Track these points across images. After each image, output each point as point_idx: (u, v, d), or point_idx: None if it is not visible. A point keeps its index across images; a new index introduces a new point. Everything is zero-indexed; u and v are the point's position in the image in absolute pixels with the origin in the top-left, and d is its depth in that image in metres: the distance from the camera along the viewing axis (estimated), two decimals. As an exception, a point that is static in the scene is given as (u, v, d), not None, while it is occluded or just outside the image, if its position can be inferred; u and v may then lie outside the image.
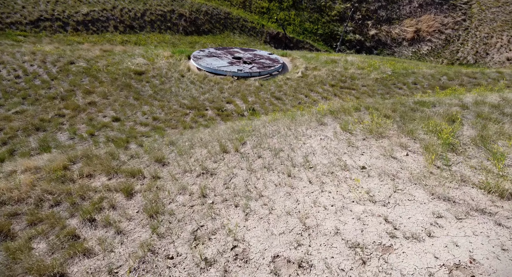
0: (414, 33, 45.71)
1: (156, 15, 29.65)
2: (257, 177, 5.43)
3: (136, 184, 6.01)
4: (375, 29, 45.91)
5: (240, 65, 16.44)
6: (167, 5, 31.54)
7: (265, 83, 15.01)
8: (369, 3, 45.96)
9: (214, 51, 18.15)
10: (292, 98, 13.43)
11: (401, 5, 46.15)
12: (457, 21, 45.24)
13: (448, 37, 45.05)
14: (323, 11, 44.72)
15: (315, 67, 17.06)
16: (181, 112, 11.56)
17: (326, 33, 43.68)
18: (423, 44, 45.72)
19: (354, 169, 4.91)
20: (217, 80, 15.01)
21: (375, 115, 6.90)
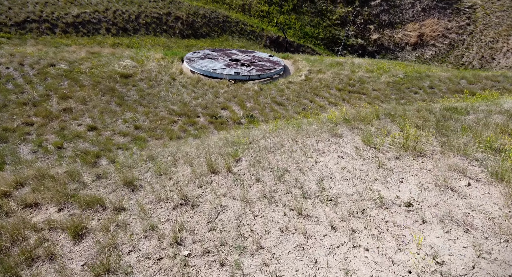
0: (417, 37, 44.48)
1: (151, 17, 28.33)
2: (254, 212, 3.87)
3: (92, 219, 4.44)
4: (378, 33, 44.70)
5: (237, 68, 14.96)
6: (163, 7, 30.26)
7: (265, 87, 13.51)
8: (371, 7, 44.82)
9: (209, 53, 16.69)
10: (295, 104, 11.91)
11: (404, 9, 45.00)
12: (461, 26, 44.05)
13: (452, 42, 43.82)
14: (324, 15, 43.55)
15: (320, 70, 15.59)
16: (168, 120, 10.02)
17: (328, 37, 42.43)
18: (427, 48, 44.47)
19: (395, 205, 3.36)
20: (212, 84, 13.52)
21: (407, 125, 5.36)
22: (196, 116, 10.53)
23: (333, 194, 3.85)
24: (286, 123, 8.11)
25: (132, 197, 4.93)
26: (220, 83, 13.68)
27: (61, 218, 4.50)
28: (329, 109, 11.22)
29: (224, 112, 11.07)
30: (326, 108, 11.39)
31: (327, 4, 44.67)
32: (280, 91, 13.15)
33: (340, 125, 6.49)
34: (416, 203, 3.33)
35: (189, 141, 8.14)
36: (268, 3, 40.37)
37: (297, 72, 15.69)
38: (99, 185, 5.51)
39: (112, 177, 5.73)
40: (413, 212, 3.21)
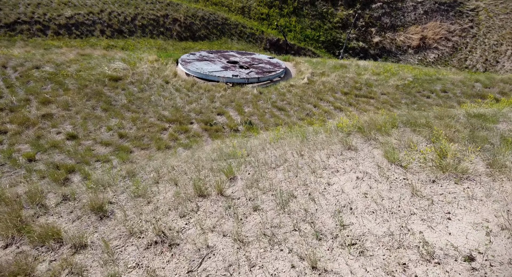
0: (420, 40, 43.67)
1: (148, 19, 27.47)
2: (250, 259, 2.87)
3: (42, 261, 3.45)
4: (379, 36, 43.90)
5: (235, 70, 14.00)
6: (161, 9, 29.42)
7: (265, 91, 12.54)
8: (372, 9, 44.06)
9: (206, 55, 15.75)
10: (298, 109, 10.92)
11: (406, 11, 44.24)
12: (464, 28, 43.26)
13: (455, 45, 43.00)
14: (325, 18, 42.78)
15: (323, 72, 14.63)
16: (158, 127, 9.02)
17: (329, 40, 41.62)
18: (429, 51, 43.65)
19: (449, 258, 2.36)
20: (208, 87, 12.55)
21: (441, 137, 4.36)
22: (189, 123, 9.54)
23: (357, 235, 2.85)
24: (289, 132, 7.13)
25: (98, 228, 3.92)
26: (216, 86, 12.71)
27: (3, 259, 3.50)
28: (336, 115, 10.24)
29: (220, 118, 10.08)
30: (332, 114, 10.41)
31: (328, 7, 43.93)
32: (281, 95, 12.17)
33: (353, 136, 5.52)
34: (481, 256, 2.32)
35: (179, 152, 7.15)
36: (268, 5, 39.61)
37: (299, 75, 14.73)
38: (64, 209, 4.50)
39: (80, 199, 4.72)
40: (479, 272, 2.20)
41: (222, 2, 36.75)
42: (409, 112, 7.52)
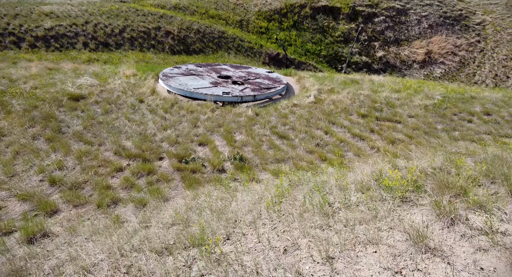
0: (425, 55, 41.72)
1: (138, 32, 25.35)
2: None
3: None
4: (383, 50, 41.98)
5: (227, 87, 11.53)
6: (153, 21, 27.39)
7: (262, 112, 10.02)
8: (375, 23, 42.33)
9: (194, 68, 13.31)
10: (304, 137, 8.34)
11: (410, 25, 42.50)
12: (471, 43, 41.39)
13: (462, 59, 41.02)
14: (326, 31, 40.97)
15: (332, 89, 12.17)
16: (112, 166, 6.40)
17: (330, 54, 39.64)
18: (436, 66, 41.62)
19: None
20: (192, 107, 10.02)
21: None
22: (158, 158, 6.94)
23: None
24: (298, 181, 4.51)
25: None
26: (202, 106, 10.19)
27: None
28: (355, 146, 7.66)
29: (202, 151, 7.48)
30: (350, 145, 7.82)
31: (329, 21, 42.21)
32: (282, 118, 9.63)
33: (411, 204, 2.87)
34: None
35: (123, 217, 4.51)
36: (267, 19, 37.83)
37: (304, 92, 12.25)
38: None
39: None
40: None
41: (220, 15, 34.94)
42: (486, 155, 4.95)
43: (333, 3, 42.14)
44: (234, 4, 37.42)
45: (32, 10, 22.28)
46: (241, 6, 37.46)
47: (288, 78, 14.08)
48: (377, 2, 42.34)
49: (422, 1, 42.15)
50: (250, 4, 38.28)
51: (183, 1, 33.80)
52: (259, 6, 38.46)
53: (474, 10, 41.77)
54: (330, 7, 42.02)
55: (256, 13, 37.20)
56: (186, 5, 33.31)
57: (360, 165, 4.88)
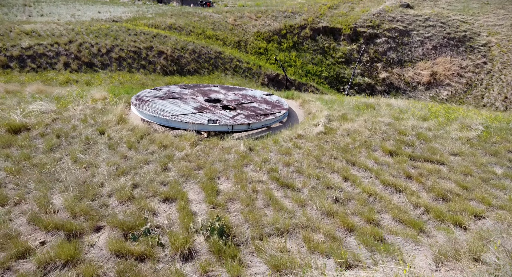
0: (430, 76, 40.04)
1: (127, 51, 23.51)
2: None
3: None
4: (386, 72, 40.36)
5: (215, 112, 9.22)
6: (145, 41, 25.67)
7: (258, 146, 7.64)
8: (377, 44, 40.98)
9: (177, 90, 11.07)
10: (316, 185, 5.89)
11: (413, 46, 41.14)
12: (477, 64, 39.83)
13: (469, 81, 39.29)
14: (327, 52, 39.52)
15: (343, 115, 9.86)
16: (14, 247, 3.91)
17: (332, 75, 37.95)
18: (441, 88, 39.84)
19: None
20: (167, 140, 7.65)
21: None
22: (94, 229, 4.46)
23: None
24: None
25: None
26: (181, 138, 7.82)
27: None
28: (391, 202, 5.18)
29: (165, 212, 5.01)
30: (384, 200, 5.36)
31: (329, 42, 40.89)
32: (284, 155, 7.23)
33: None
34: None
35: None
36: (266, 40, 36.41)
37: (310, 119, 9.93)
38: None
39: None
40: None
41: (217, 35, 33.46)
42: None
43: (333, 24, 41.02)
44: (232, 25, 36.14)
45: (12, 29, 20.50)
46: (239, 27, 36.17)
47: (290, 102, 11.82)
48: (379, 23, 41.22)
49: (424, 22, 41.03)
50: (248, 25, 37.04)
51: (179, 21, 32.43)
52: (257, 27, 37.20)
53: (479, 31, 40.54)
54: (330, 28, 40.85)
55: (254, 34, 35.84)
56: (182, 25, 31.89)
57: (413, 248, 2.42)
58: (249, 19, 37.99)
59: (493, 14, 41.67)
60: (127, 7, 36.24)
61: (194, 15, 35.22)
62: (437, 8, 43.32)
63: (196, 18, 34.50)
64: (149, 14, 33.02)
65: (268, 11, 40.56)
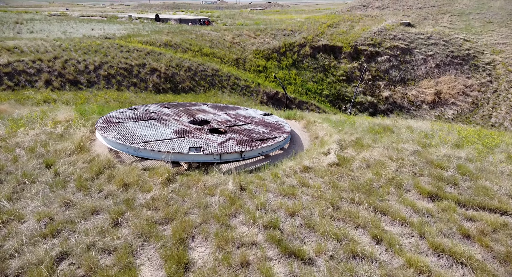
0: (435, 95, 38.65)
1: (117, 68, 22.02)
2: None
3: None
4: (389, 90, 39.02)
5: (200, 137, 7.36)
6: (137, 58, 24.27)
7: (251, 184, 5.74)
8: (378, 63, 39.88)
9: (157, 110, 9.27)
10: (336, 252, 3.94)
11: (416, 65, 40.02)
12: (483, 83, 38.53)
13: (475, 100, 37.86)
14: (327, 70, 38.33)
15: (358, 141, 8.02)
16: None
17: (333, 94, 36.55)
18: (447, 107, 38.33)
19: None
20: (133, 176, 5.74)
21: None
22: None
23: None
24: None
25: None
26: (152, 173, 5.93)
27: None
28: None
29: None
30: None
31: (330, 60, 39.80)
32: (287, 197, 5.32)
33: None
34: None
35: None
36: (265, 58, 35.25)
37: (317, 145, 8.07)
38: None
39: None
40: None
41: (214, 53, 32.27)
42: None
43: (333, 42, 40.11)
44: (231, 42, 35.08)
45: (-8, 44, 19.06)
46: (238, 45, 35.10)
47: (292, 123, 10.01)
48: (380, 41, 40.32)
49: (427, 40, 40.12)
50: (247, 43, 36.00)
51: (175, 38, 31.31)
52: (256, 45, 36.16)
53: (482, 50, 39.54)
54: (330, 46, 39.90)
55: (253, 51, 34.71)
56: (178, 42, 30.73)
57: None
58: (247, 37, 37.03)
59: (496, 33, 40.87)
60: (123, 25, 35.32)
61: (191, 33, 34.22)
62: (438, 27, 42.62)
63: (193, 36, 33.46)
64: (144, 31, 31.97)
65: (267, 30, 39.72)
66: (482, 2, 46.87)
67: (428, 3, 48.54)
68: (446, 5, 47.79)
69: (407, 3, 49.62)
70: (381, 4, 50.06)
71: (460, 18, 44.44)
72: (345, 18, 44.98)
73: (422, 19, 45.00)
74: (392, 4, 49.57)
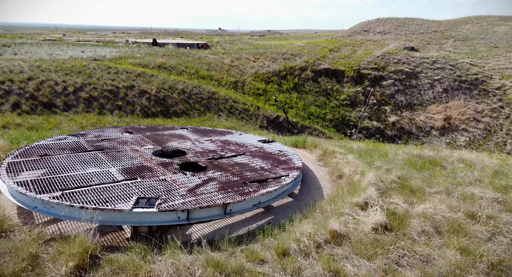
0: (444, 121, 36.30)
1: (101, 90, 19.73)
2: None
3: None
4: (395, 115, 36.73)
5: (162, 178, 4.60)
6: (126, 80, 22.08)
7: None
8: (383, 87, 37.95)
9: (113, 136, 6.56)
10: None
11: (422, 89, 38.07)
12: (494, 108, 36.31)
13: (487, 126, 35.42)
14: (330, 94, 36.28)
15: (401, 181, 5.25)
16: None
17: (337, 118, 34.21)
18: (458, 133, 35.81)
19: None
20: (23, 255, 2.94)
21: None
22: None
23: None
24: None
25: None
26: (60, 249, 3.17)
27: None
28: None
29: None
30: None
31: (332, 84, 37.89)
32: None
33: None
34: None
35: None
36: (265, 81, 33.30)
37: (344, 188, 5.30)
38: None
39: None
40: None
41: (211, 76, 30.28)
42: None
43: (335, 66, 38.39)
44: (229, 65, 33.28)
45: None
46: (237, 68, 33.27)
47: (301, 153, 7.30)
48: (384, 65, 38.63)
49: (432, 64, 38.45)
50: (246, 66, 34.22)
51: (170, 61, 29.45)
52: (256, 68, 34.37)
53: (490, 75, 37.73)
54: (333, 70, 38.13)
55: (252, 75, 32.81)
56: (173, 65, 28.81)
57: None
58: (247, 60, 35.37)
59: (504, 57, 39.30)
60: (117, 48, 33.71)
61: (188, 56, 32.51)
62: (443, 51, 41.20)
63: (190, 59, 31.70)
64: (138, 54, 30.22)
65: (267, 53, 38.21)
66: (485, 28, 45.97)
67: (430, 28, 47.69)
68: (449, 30, 46.90)
69: (409, 28, 48.82)
70: (382, 29, 49.25)
71: (465, 43, 43.21)
72: (347, 43, 43.79)
73: (426, 43, 43.78)
74: (393, 29, 48.72)
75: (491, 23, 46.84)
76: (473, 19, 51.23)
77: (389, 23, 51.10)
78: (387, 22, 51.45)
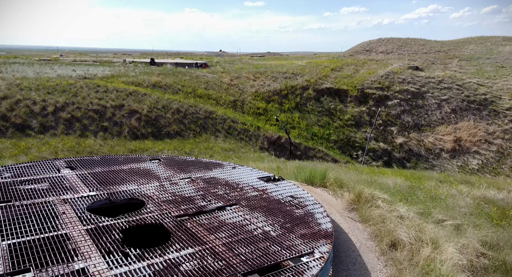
0: (454, 142, 34.13)
1: (85, 110, 17.72)
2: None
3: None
4: (403, 136, 34.64)
5: (80, 270, 2.30)
6: (115, 99, 20.15)
7: None
8: (389, 107, 36.10)
9: (39, 176, 4.32)
10: None
11: (429, 110, 36.19)
12: (506, 130, 34.26)
13: (500, 149, 33.20)
14: (333, 114, 34.37)
15: (495, 255, 2.91)
16: None
17: (342, 139, 32.08)
18: (469, 156, 33.52)
19: None
20: None
21: None
22: None
23: None
24: None
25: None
26: None
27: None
28: None
29: None
30: None
31: (335, 103, 36.05)
32: None
33: None
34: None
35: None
36: (265, 100, 31.48)
37: (401, 272, 3.00)
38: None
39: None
40: None
41: (209, 95, 28.45)
42: None
43: (338, 85, 36.74)
44: (228, 84, 31.57)
45: None
46: (236, 87, 31.55)
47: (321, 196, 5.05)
48: (388, 84, 36.99)
49: (439, 84, 36.81)
50: (246, 85, 32.52)
51: (166, 79, 27.72)
52: (256, 87, 32.67)
53: (499, 95, 35.97)
54: (335, 90, 36.45)
55: (252, 94, 31.04)
56: (169, 83, 27.05)
57: None
58: (246, 79, 33.74)
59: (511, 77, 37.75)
60: (112, 67, 32.13)
61: (185, 75, 30.88)
62: (448, 71, 39.73)
63: (187, 77, 30.03)
64: (132, 72, 28.55)
65: (268, 72, 36.70)
66: (490, 48, 44.93)
67: (433, 48, 46.69)
68: (453, 50, 45.83)
69: (411, 48, 47.84)
70: (385, 49, 48.28)
71: (470, 63, 41.88)
72: (349, 62, 42.49)
73: (430, 63, 42.47)
74: (396, 49, 47.73)
75: (495, 43, 45.84)
76: (476, 39, 50.43)
77: (391, 43, 50.22)
78: (389, 42, 50.59)
